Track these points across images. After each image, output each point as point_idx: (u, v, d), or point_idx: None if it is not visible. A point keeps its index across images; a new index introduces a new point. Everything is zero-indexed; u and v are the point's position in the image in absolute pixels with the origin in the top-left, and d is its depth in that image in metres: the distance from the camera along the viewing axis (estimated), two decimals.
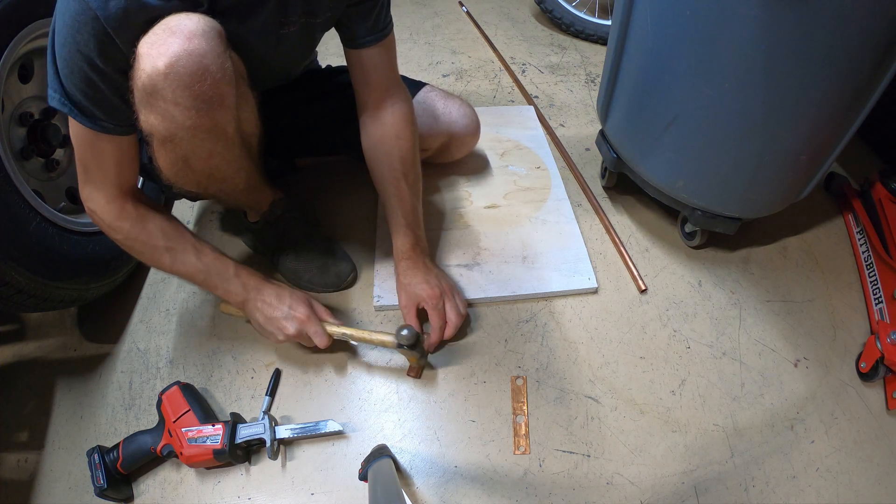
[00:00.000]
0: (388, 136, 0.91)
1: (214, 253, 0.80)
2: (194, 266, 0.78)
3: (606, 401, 0.86)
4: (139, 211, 0.74)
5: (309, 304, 0.84)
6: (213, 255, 0.80)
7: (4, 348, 0.97)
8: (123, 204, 0.73)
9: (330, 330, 0.84)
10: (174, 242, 0.76)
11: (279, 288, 0.84)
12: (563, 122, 1.45)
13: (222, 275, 0.80)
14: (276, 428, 0.80)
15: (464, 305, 0.92)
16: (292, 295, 0.83)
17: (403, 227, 0.91)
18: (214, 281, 0.80)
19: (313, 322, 0.82)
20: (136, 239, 0.74)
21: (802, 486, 0.78)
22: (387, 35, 0.87)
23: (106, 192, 0.71)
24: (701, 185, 0.95)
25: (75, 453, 0.82)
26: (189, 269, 0.78)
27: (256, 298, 0.82)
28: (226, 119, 0.69)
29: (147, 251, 0.76)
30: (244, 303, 0.83)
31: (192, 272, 0.79)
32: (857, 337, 0.96)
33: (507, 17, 1.98)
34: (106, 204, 0.72)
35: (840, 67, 0.73)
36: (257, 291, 0.82)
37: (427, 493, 0.77)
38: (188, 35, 0.59)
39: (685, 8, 0.78)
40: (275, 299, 0.82)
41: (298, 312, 0.82)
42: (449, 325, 0.88)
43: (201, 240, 0.81)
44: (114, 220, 0.73)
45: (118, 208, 0.72)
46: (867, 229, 1.07)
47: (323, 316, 0.85)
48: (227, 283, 0.81)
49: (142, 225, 0.74)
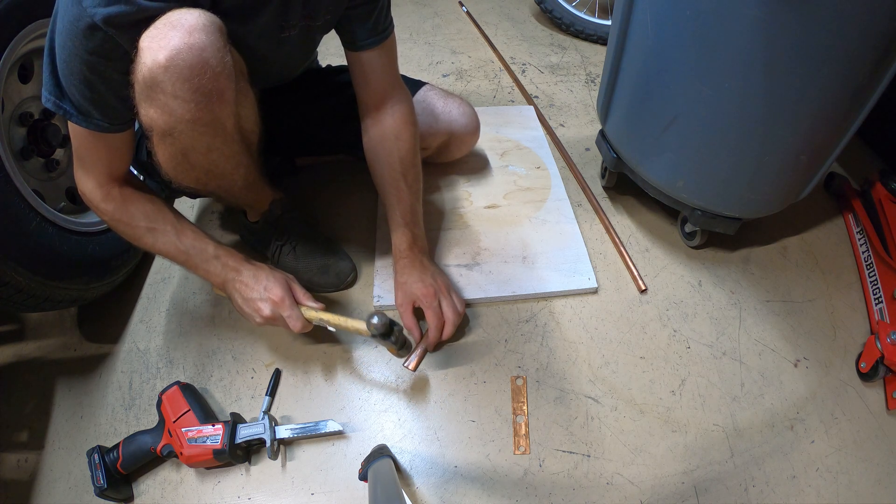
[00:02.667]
0: (388, 137, 0.92)
1: (195, 234, 0.80)
2: (174, 246, 0.78)
3: (606, 401, 0.86)
4: (124, 194, 0.76)
5: (286, 286, 0.81)
6: (192, 236, 0.79)
7: (4, 348, 0.97)
8: (110, 188, 0.75)
9: (307, 315, 0.81)
10: (155, 223, 0.77)
11: (257, 269, 0.82)
12: (563, 122, 1.45)
13: (202, 255, 0.80)
14: (276, 428, 0.80)
15: (461, 303, 0.91)
16: (269, 276, 0.81)
17: (401, 226, 0.92)
18: (195, 261, 0.80)
19: (287, 305, 0.79)
20: (120, 220, 0.76)
21: (802, 486, 0.78)
22: (387, 37, 0.87)
23: (97, 178, 0.74)
24: (701, 185, 0.95)
25: (75, 453, 0.82)
26: (170, 248, 0.79)
27: (235, 279, 0.81)
28: (225, 113, 0.70)
29: (130, 231, 0.78)
30: (224, 283, 0.82)
31: (172, 252, 0.79)
32: (857, 337, 0.96)
33: (507, 17, 1.98)
34: (94, 188, 0.74)
35: (840, 67, 0.73)
36: (236, 272, 0.81)
37: (427, 493, 0.77)
38: (189, 29, 0.59)
39: (685, 8, 0.78)
40: (252, 280, 0.80)
41: (273, 294, 0.79)
42: (447, 323, 0.88)
43: (184, 220, 0.80)
44: (100, 203, 0.75)
45: (105, 192, 0.75)
46: (867, 229, 1.07)
47: (301, 299, 0.82)
48: (206, 264, 0.80)
49: (125, 207, 0.76)
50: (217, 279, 0.82)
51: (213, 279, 0.82)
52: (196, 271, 0.82)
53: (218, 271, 0.81)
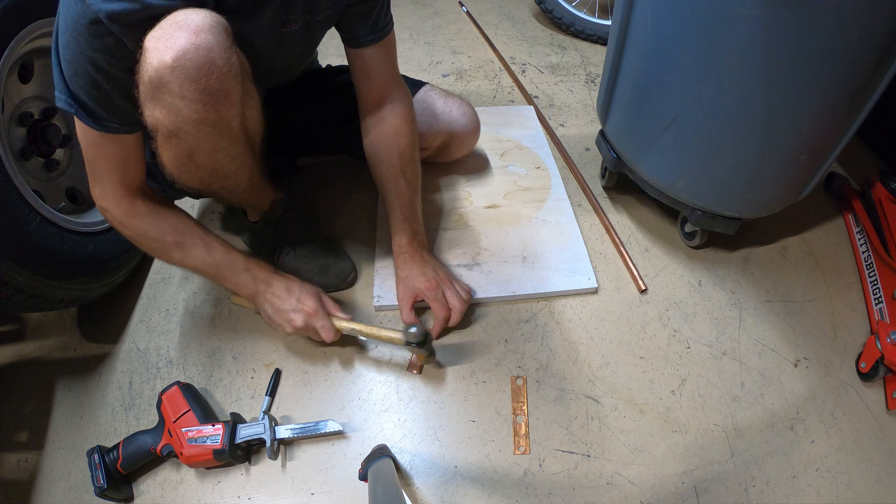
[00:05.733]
0: (388, 134, 0.92)
1: (224, 247, 0.81)
2: (204, 261, 0.79)
3: (606, 401, 0.86)
4: (149, 207, 0.76)
5: (318, 297, 0.85)
6: (222, 250, 0.81)
7: (4, 348, 0.97)
8: (133, 201, 0.74)
9: (338, 325, 0.84)
10: (184, 237, 0.78)
11: (289, 280, 0.85)
12: (563, 122, 1.45)
13: (233, 268, 0.82)
14: (276, 428, 0.80)
15: (465, 291, 0.93)
16: (302, 288, 0.84)
17: (401, 222, 0.93)
18: (225, 274, 0.82)
19: (321, 316, 0.83)
20: (146, 235, 0.76)
21: (802, 486, 0.78)
22: (387, 34, 0.88)
23: (114, 190, 0.73)
24: (701, 185, 0.95)
25: (75, 453, 0.82)
26: (199, 263, 0.80)
27: (266, 291, 0.83)
28: (231, 114, 0.70)
29: (158, 247, 0.77)
30: (254, 295, 0.84)
31: (202, 266, 0.80)
32: (857, 337, 0.96)
33: (507, 17, 1.98)
34: (116, 203, 0.73)
35: (840, 67, 0.73)
36: (267, 284, 0.83)
37: (427, 493, 0.77)
38: (195, 29, 0.59)
39: (685, 8, 0.78)
40: (284, 292, 0.83)
41: (307, 306, 0.82)
42: (454, 311, 0.89)
43: (210, 233, 0.82)
44: (124, 218, 0.74)
45: (128, 206, 0.74)
46: (867, 229, 1.07)
47: (332, 310, 0.86)
48: (237, 277, 0.82)
49: (151, 221, 0.75)
50: (247, 291, 0.84)
51: (242, 291, 0.84)
52: (224, 283, 0.84)
53: (248, 283, 0.83)
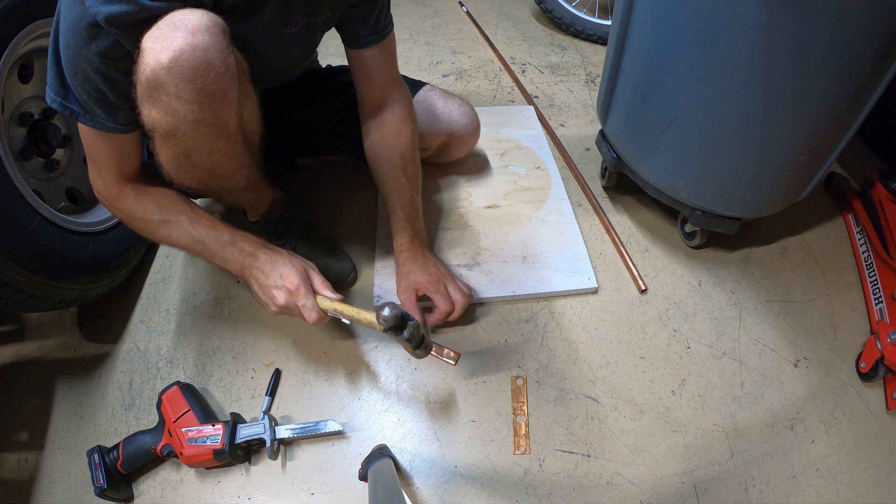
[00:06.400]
0: (388, 134, 0.92)
1: (210, 221, 0.78)
2: (190, 236, 0.77)
3: (606, 401, 0.86)
4: (136, 189, 0.76)
5: (303, 273, 0.77)
6: (207, 224, 0.77)
7: (4, 348, 0.97)
8: (123, 186, 0.75)
9: (323, 305, 0.77)
10: (169, 215, 0.76)
11: (275, 254, 0.78)
12: (563, 122, 1.45)
13: (217, 242, 0.77)
14: (276, 428, 0.80)
15: (467, 287, 0.92)
16: (287, 262, 0.77)
17: (402, 221, 0.92)
18: (212, 249, 0.78)
19: (303, 294, 0.75)
20: (134, 216, 0.76)
21: (802, 486, 0.78)
22: (387, 35, 0.89)
23: (108, 177, 0.74)
24: (701, 185, 0.95)
25: (75, 453, 0.82)
26: (185, 239, 0.77)
27: (252, 265, 0.78)
28: (228, 114, 0.70)
29: (146, 226, 0.77)
30: (242, 270, 0.79)
31: (189, 243, 0.77)
32: (857, 337, 0.96)
33: (507, 17, 1.98)
34: (106, 187, 0.75)
35: (840, 67, 0.73)
36: (253, 258, 0.78)
37: (427, 493, 0.77)
38: (192, 30, 0.59)
39: (685, 8, 0.78)
40: (268, 266, 0.77)
41: (288, 282, 0.75)
42: (457, 304, 0.88)
43: (198, 209, 0.79)
44: (114, 201, 0.75)
45: (118, 190, 0.75)
46: (867, 229, 1.07)
47: (318, 287, 0.78)
48: (223, 251, 0.78)
49: (138, 202, 0.76)
50: (235, 266, 0.79)
51: (231, 267, 0.79)
52: (214, 261, 0.79)
53: (235, 258, 0.78)
